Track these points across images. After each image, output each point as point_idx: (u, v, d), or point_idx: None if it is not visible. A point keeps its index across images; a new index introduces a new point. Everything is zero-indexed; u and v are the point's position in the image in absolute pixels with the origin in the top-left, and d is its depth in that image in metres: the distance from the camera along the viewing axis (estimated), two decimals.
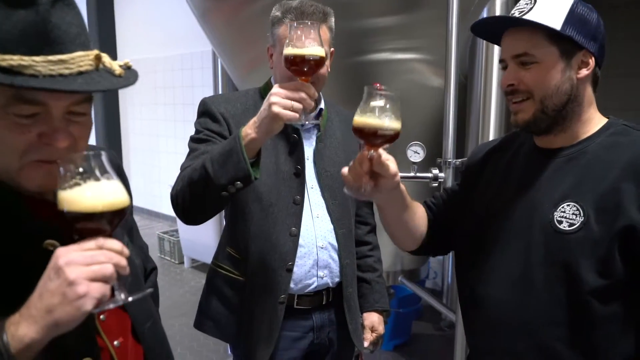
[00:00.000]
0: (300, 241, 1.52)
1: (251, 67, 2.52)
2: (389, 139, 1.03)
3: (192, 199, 1.33)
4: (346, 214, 1.62)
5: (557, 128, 1.13)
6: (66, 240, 0.81)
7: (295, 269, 1.52)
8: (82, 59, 0.77)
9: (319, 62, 1.16)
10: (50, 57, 0.74)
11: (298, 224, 1.51)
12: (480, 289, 1.21)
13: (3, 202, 0.82)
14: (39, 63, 0.73)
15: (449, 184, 1.94)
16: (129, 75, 0.85)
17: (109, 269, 0.72)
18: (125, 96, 7.51)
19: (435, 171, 1.95)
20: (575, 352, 1.07)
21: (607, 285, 1.02)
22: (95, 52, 0.80)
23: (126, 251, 0.76)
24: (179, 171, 1.43)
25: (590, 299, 1.03)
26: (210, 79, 3.93)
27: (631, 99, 3.23)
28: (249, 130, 1.23)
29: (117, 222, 0.77)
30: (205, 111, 1.51)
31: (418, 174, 1.96)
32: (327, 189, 1.57)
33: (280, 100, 1.17)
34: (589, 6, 1.12)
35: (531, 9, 1.10)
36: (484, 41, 2.04)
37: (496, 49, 2.04)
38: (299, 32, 1.15)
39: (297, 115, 1.17)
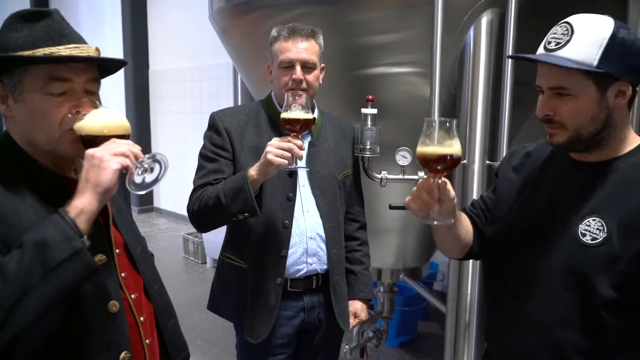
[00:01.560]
0: (292, 231, 1.74)
1: (265, 80, 2.73)
2: (452, 165, 1.09)
3: (207, 218, 1.68)
4: (334, 210, 1.83)
5: (592, 149, 1.14)
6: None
7: (288, 256, 1.74)
8: (89, 48, 1.07)
9: (307, 122, 1.51)
10: (68, 45, 1.04)
11: (290, 217, 1.74)
12: (504, 288, 1.27)
13: (50, 182, 1.08)
14: (62, 49, 1.04)
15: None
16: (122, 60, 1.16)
17: (123, 146, 0.99)
18: (156, 104, 7.81)
19: (421, 173, 2.15)
20: (584, 356, 1.11)
21: (620, 299, 1.05)
22: (93, 48, 1.10)
23: (136, 145, 1.03)
24: None
25: (602, 310, 1.06)
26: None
27: None
28: (252, 172, 1.56)
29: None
30: (212, 125, 1.79)
31: (406, 176, 2.16)
32: (317, 187, 1.79)
33: (274, 150, 1.50)
34: (629, 29, 1.08)
35: (568, 41, 1.06)
36: (471, 57, 2.23)
37: (482, 65, 2.23)
38: (290, 99, 1.50)
39: (286, 161, 1.49)
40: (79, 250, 0.91)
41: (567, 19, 1.11)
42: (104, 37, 8.02)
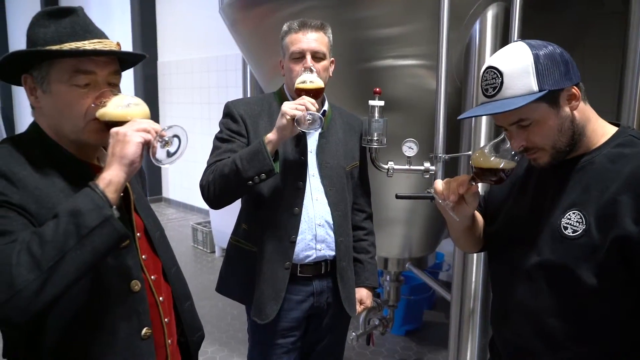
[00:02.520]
0: (302, 218, 1.80)
1: (274, 72, 2.79)
2: (497, 181, 1.18)
3: (221, 188, 1.69)
4: (342, 199, 1.89)
5: (574, 150, 1.19)
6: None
7: (297, 241, 1.81)
8: (110, 43, 1.14)
9: (319, 90, 1.68)
10: (93, 40, 1.10)
11: (300, 205, 1.80)
12: (502, 279, 1.34)
13: (76, 167, 1.15)
14: (87, 44, 1.10)
15: (439, 176, 2.18)
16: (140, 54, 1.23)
17: (144, 123, 1.07)
18: (164, 95, 7.86)
19: (427, 164, 2.20)
20: (573, 341, 1.17)
21: (603, 287, 1.10)
22: (114, 43, 1.16)
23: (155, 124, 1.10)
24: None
25: (588, 298, 1.12)
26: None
27: None
28: (269, 135, 1.62)
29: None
30: (227, 113, 1.84)
31: (412, 167, 2.20)
32: (326, 177, 1.85)
33: (288, 105, 1.60)
34: (541, 44, 1.14)
35: (502, 83, 1.12)
36: (477, 50, 2.27)
37: (488, 58, 2.26)
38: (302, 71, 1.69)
39: (299, 112, 1.57)
40: (109, 217, 0.99)
41: (488, 64, 1.17)
42: (113, 29, 8.07)
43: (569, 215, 1.15)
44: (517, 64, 1.12)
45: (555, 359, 1.20)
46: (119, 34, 7.95)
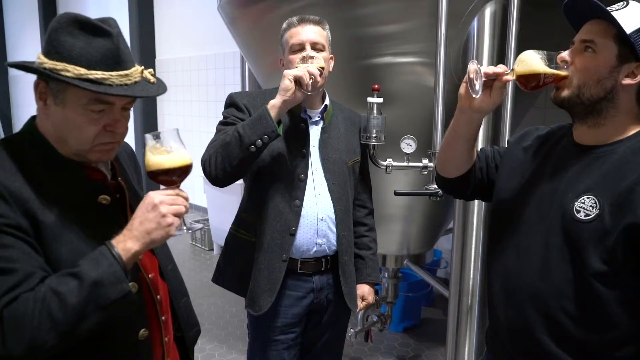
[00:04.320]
0: (304, 212, 1.81)
1: (273, 69, 2.79)
2: (536, 86, 1.20)
3: (223, 158, 1.66)
4: (345, 194, 1.90)
5: (591, 120, 1.21)
6: (114, 197, 1.17)
7: (298, 235, 1.81)
8: (135, 73, 1.11)
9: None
10: (120, 72, 1.07)
11: (301, 198, 1.81)
12: (503, 260, 1.34)
13: (72, 171, 1.14)
14: (114, 76, 1.07)
15: None
16: (159, 83, 1.19)
17: (183, 209, 1.09)
18: None
19: (425, 161, 2.21)
20: (577, 325, 1.17)
21: (609, 272, 1.12)
22: (141, 67, 1.13)
23: (188, 198, 1.12)
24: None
25: (593, 281, 1.13)
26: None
27: None
28: (272, 101, 1.64)
29: (184, 177, 1.14)
30: (231, 103, 1.85)
31: (410, 164, 2.21)
32: (329, 171, 1.85)
33: (289, 70, 1.64)
34: None
35: (618, 10, 1.15)
36: (475, 47, 2.28)
37: (485, 56, 2.28)
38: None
39: (299, 73, 1.61)
40: (128, 293, 1.05)
41: None
42: None
43: (583, 199, 1.16)
44: None
45: (558, 342, 1.21)
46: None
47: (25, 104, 11.27)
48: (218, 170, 1.67)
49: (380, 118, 2.05)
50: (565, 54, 1.20)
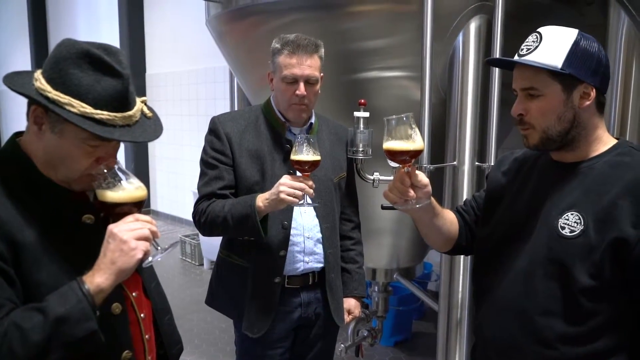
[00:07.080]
0: (291, 232, 1.80)
1: (261, 85, 2.80)
2: (414, 155, 1.25)
3: (213, 232, 1.80)
4: (330, 212, 1.89)
5: (567, 147, 1.23)
6: (98, 216, 1.15)
7: (287, 255, 1.80)
8: (137, 112, 1.12)
9: (316, 162, 1.60)
10: (124, 114, 1.08)
11: (289, 218, 1.80)
12: (490, 280, 1.35)
13: (55, 190, 1.13)
14: (118, 118, 1.07)
15: None
16: (155, 118, 1.20)
17: (146, 231, 1.05)
18: (153, 107, 7.77)
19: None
20: (564, 341, 1.18)
21: (596, 286, 1.13)
22: (140, 104, 1.14)
23: (153, 222, 1.09)
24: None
25: (581, 297, 1.14)
26: None
27: None
28: (260, 203, 1.65)
29: (141, 207, 1.11)
30: (213, 130, 1.85)
31: None
32: (314, 190, 1.85)
33: (287, 189, 1.58)
34: (591, 39, 1.18)
35: (536, 47, 1.17)
36: (460, 61, 2.30)
37: (471, 69, 2.30)
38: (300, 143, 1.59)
39: (297, 200, 1.59)
40: (95, 331, 1.01)
41: (538, 30, 1.21)
42: (101, 40, 8.03)
43: (567, 215, 1.18)
44: (558, 37, 1.17)
45: (544, 358, 1.21)
46: None
47: (15, 119, 11.19)
48: (209, 235, 1.85)
49: (367, 132, 2.05)
50: (516, 107, 1.23)
